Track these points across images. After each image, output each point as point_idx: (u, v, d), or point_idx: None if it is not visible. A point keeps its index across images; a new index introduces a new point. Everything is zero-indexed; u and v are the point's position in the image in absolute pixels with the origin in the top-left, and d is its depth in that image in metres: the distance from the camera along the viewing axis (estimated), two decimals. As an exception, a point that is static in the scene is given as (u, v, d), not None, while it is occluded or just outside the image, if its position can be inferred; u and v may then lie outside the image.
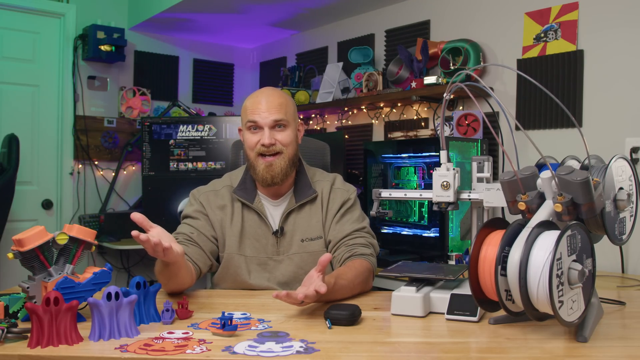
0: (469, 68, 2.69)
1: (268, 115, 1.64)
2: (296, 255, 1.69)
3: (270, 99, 1.66)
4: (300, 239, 1.70)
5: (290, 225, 1.71)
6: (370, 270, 1.61)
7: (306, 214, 1.72)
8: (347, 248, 1.67)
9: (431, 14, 3.23)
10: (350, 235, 1.69)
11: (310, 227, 1.71)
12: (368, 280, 1.60)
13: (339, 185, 1.77)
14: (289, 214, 1.71)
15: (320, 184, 1.75)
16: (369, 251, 1.67)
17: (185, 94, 4.36)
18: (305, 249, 1.69)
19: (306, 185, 1.73)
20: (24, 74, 3.68)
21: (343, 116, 3.68)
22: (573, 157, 1.31)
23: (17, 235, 1.21)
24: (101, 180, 3.95)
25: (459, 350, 1.08)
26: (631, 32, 2.40)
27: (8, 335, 1.09)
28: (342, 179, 1.81)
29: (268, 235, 1.70)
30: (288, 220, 1.71)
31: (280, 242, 1.70)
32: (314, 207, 1.73)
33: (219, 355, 1.02)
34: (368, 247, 1.68)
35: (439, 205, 1.41)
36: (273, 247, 1.70)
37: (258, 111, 1.65)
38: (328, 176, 1.80)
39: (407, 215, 2.84)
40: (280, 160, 1.65)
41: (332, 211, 1.72)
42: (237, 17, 3.81)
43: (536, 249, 1.07)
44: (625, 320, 1.32)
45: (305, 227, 1.70)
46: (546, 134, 2.65)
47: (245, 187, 1.73)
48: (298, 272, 1.67)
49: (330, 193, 1.74)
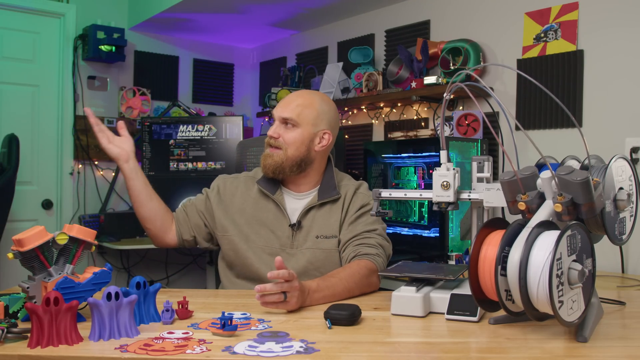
0: (469, 68, 2.69)
1: (281, 111, 1.73)
2: (308, 251, 1.70)
3: (293, 98, 1.75)
4: (315, 235, 1.72)
5: (309, 221, 1.73)
6: (372, 270, 1.61)
7: (326, 212, 1.74)
8: (353, 248, 1.68)
9: (431, 14, 3.23)
10: (359, 235, 1.70)
11: (328, 226, 1.73)
12: (369, 279, 1.60)
13: (363, 190, 1.80)
14: (309, 210, 1.74)
15: (346, 187, 1.79)
16: (375, 251, 1.66)
17: (185, 94, 4.36)
18: (318, 245, 1.71)
19: (331, 186, 1.77)
20: (24, 74, 3.68)
21: (343, 116, 3.67)
22: (573, 157, 1.31)
23: (17, 235, 1.21)
24: (101, 180, 3.95)
25: (459, 350, 1.08)
26: (631, 32, 2.40)
27: (8, 335, 1.09)
28: (367, 186, 1.84)
29: (284, 227, 1.73)
30: (307, 215, 1.74)
31: (296, 235, 1.72)
32: (334, 207, 1.75)
33: (219, 355, 1.02)
34: (375, 248, 1.68)
35: (439, 205, 1.41)
36: (288, 239, 1.72)
37: (278, 106, 1.75)
38: (355, 182, 1.84)
39: (407, 215, 2.84)
40: (278, 155, 1.70)
41: (350, 213, 1.74)
42: (237, 17, 3.81)
43: (536, 249, 1.07)
44: (625, 320, 1.32)
45: (322, 224, 1.73)
46: (546, 134, 2.65)
47: (269, 178, 1.78)
48: (308, 267, 1.69)
49: (353, 196, 1.77)
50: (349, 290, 1.52)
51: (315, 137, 1.73)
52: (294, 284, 1.34)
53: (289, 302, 1.34)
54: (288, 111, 1.71)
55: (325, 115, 1.75)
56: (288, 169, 1.71)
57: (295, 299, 1.35)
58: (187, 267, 4.13)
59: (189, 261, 4.11)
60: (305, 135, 1.71)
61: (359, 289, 1.56)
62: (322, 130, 1.74)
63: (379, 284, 1.65)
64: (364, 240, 1.68)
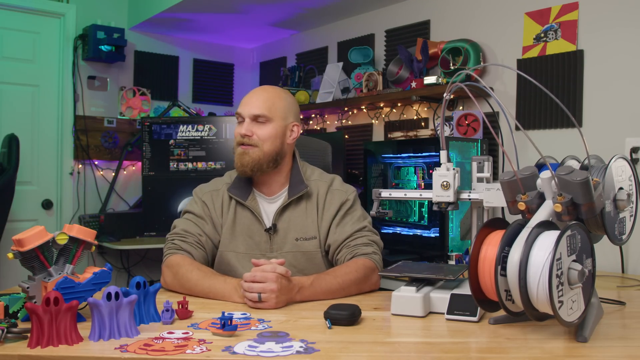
0: (469, 68, 2.69)
1: (250, 109, 1.68)
2: (289, 254, 1.69)
3: (258, 94, 1.71)
4: (295, 238, 1.70)
5: (285, 223, 1.71)
6: (370, 268, 1.61)
7: (302, 212, 1.72)
8: (349, 250, 1.67)
9: (431, 14, 3.23)
10: (351, 236, 1.69)
11: (306, 227, 1.71)
12: (368, 277, 1.60)
13: (337, 186, 1.77)
14: (283, 210, 1.72)
15: (317, 183, 1.76)
16: (371, 249, 1.67)
17: (185, 94, 4.36)
18: (299, 248, 1.70)
19: (299, 181, 1.74)
20: (24, 74, 3.68)
21: (343, 116, 3.67)
22: (573, 157, 1.31)
23: (17, 235, 1.21)
24: (101, 180, 3.95)
25: (459, 350, 1.08)
26: (631, 32, 2.40)
27: (8, 335, 1.09)
28: (341, 180, 1.80)
29: (261, 232, 1.71)
30: (282, 217, 1.72)
31: (274, 239, 1.71)
32: (309, 205, 1.73)
33: (219, 355, 1.03)
34: (370, 246, 1.68)
35: (439, 205, 1.41)
36: (266, 244, 1.71)
37: (244, 104, 1.71)
38: (327, 177, 1.80)
39: (407, 215, 2.83)
40: (254, 152, 1.68)
41: (329, 213, 1.72)
42: (237, 17, 3.81)
43: (536, 249, 1.07)
44: (625, 320, 1.32)
45: (300, 225, 1.71)
46: (546, 134, 2.65)
47: (239, 185, 1.75)
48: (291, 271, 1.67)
49: (327, 194, 1.74)
50: (344, 288, 1.52)
51: (287, 130, 1.72)
52: (268, 286, 1.37)
53: (265, 303, 1.37)
54: (258, 107, 1.68)
55: (292, 107, 1.75)
56: (265, 165, 1.69)
57: (274, 299, 1.37)
58: (187, 267, 4.12)
59: (189, 261, 4.11)
60: (278, 129, 1.70)
61: (356, 286, 1.55)
62: (291, 123, 1.74)
63: (379, 283, 1.65)
64: (358, 240, 1.68)
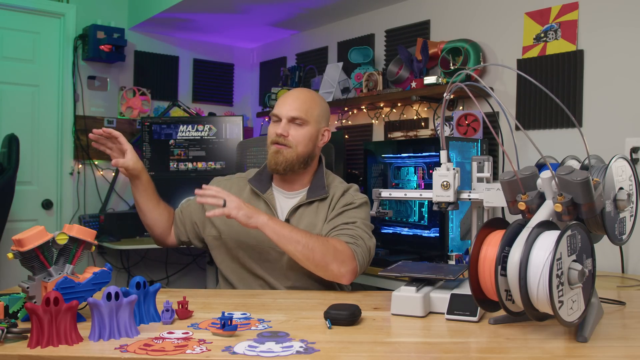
0: (469, 68, 2.69)
1: (288, 111, 1.74)
2: None
3: (297, 96, 1.77)
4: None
5: (296, 219, 1.75)
6: (343, 251, 1.59)
7: (313, 211, 1.76)
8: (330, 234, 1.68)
9: (431, 14, 3.23)
10: (338, 227, 1.69)
11: (313, 224, 1.74)
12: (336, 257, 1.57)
13: (352, 192, 1.81)
14: (298, 208, 1.76)
15: (334, 189, 1.80)
16: (352, 240, 1.64)
17: (185, 94, 4.36)
18: None
19: (320, 186, 1.79)
20: (24, 74, 3.67)
21: (343, 116, 3.67)
22: (573, 157, 1.31)
23: (17, 235, 1.21)
24: (101, 180, 3.95)
25: (459, 350, 1.08)
26: (631, 31, 2.40)
27: (8, 335, 1.09)
28: (357, 188, 1.84)
29: None
30: (296, 214, 1.76)
31: None
32: (322, 206, 1.76)
33: (219, 355, 1.03)
34: (353, 237, 1.65)
35: (439, 205, 1.41)
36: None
37: (281, 105, 1.76)
38: (345, 185, 1.84)
39: (407, 215, 2.83)
40: (288, 152, 1.73)
41: (334, 212, 1.75)
42: (237, 17, 3.81)
43: (536, 249, 1.07)
44: (625, 320, 1.32)
45: (309, 222, 1.74)
46: (546, 134, 2.65)
47: (260, 178, 1.82)
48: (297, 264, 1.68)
49: (340, 197, 1.78)
50: (308, 246, 1.55)
51: (319, 134, 1.78)
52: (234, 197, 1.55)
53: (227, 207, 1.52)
54: (296, 109, 1.73)
55: (325, 113, 1.82)
56: (297, 166, 1.75)
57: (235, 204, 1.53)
58: (187, 267, 4.13)
59: (189, 261, 4.11)
60: (312, 133, 1.76)
61: (321, 254, 1.55)
62: (323, 128, 1.80)
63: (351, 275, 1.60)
64: (343, 231, 1.67)
